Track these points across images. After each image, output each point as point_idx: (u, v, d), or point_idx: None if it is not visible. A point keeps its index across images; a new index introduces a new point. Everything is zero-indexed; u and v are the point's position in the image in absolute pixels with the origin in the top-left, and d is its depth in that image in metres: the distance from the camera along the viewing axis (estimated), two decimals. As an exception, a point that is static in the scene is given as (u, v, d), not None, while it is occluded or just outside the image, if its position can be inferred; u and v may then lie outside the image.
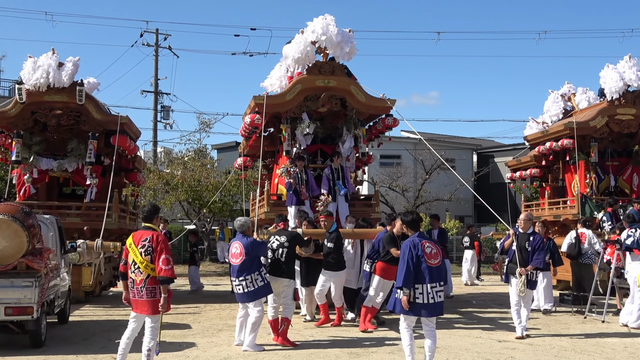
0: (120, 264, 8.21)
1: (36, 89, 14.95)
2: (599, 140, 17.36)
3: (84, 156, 15.49)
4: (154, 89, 36.86)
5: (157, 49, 37.10)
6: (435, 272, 7.70)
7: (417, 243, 7.78)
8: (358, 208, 14.45)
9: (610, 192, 17.53)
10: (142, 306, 7.77)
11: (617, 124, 17.16)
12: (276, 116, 14.56)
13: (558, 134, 17.73)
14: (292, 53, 14.09)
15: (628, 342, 10.29)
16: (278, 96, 14.19)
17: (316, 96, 14.12)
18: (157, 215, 8.20)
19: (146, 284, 7.70)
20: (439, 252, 7.89)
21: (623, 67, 17.14)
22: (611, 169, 17.89)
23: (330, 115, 14.73)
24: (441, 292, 7.76)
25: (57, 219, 11.82)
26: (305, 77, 14.10)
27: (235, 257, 9.54)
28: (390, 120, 14.95)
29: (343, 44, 14.17)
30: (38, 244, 9.61)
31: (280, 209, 13.64)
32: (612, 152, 17.96)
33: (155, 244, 7.70)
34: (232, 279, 9.90)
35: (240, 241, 9.55)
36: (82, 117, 15.45)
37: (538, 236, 10.86)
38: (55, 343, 9.86)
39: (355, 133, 14.43)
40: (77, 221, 15.04)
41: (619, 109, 17.08)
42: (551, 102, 19.91)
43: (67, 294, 11.96)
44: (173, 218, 34.24)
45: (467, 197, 36.35)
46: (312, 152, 15.03)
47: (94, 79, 17.64)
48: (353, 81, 14.26)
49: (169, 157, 34.43)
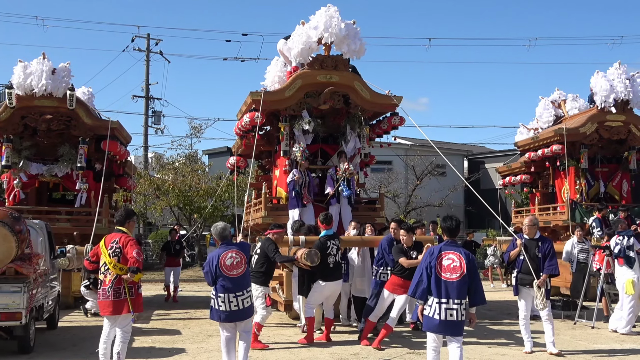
0: (84, 259, 8.52)
1: (28, 94, 14.89)
2: (588, 146, 17.41)
3: (74, 161, 15.41)
4: (145, 94, 36.79)
5: (148, 54, 37.06)
6: (450, 287, 7.12)
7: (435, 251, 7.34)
8: (362, 212, 13.75)
9: (600, 198, 17.57)
10: (107, 307, 7.95)
11: (606, 130, 17.20)
12: (274, 114, 13.79)
13: (548, 140, 17.78)
14: (295, 45, 13.29)
15: (617, 348, 10.32)
16: (277, 92, 13.41)
17: (317, 92, 13.33)
18: (130, 220, 8.38)
19: (113, 284, 7.91)
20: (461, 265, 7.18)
21: (612, 75, 17.22)
22: (601, 175, 17.92)
23: (331, 113, 13.93)
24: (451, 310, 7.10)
25: (46, 224, 11.75)
26: (306, 72, 13.31)
27: (235, 267, 7.96)
28: (397, 120, 14.22)
29: (350, 40, 13.27)
30: (27, 249, 9.54)
31: (280, 214, 13.10)
32: (602, 158, 18.00)
33: (123, 245, 7.96)
34: (228, 295, 7.87)
35: (237, 248, 8.14)
36: (72, 122, 15.35)
37: (548, 241, 10.11)
38: (44, 349, 9.80)
39: (359, 132, 13.65)
40: (66, 226, 15.02)
41: (608, 115, 17.14)
42: (542, 108, 19.98)
43: (57, 300, 11.90)
44: (164, 223, 34.14)
45: (458, 202, 36.43)
46: (312, 152, 14.09)
47: (88, 89, 17.70)
48: (357, 77, 13.47)
49: (160, 163, 34.43)
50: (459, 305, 7.10)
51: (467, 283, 7.17)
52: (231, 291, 7.84)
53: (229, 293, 7.84)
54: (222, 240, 8.13)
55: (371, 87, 13.53)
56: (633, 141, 17.46)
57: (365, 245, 11.69)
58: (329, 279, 10.42)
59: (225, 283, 7.87)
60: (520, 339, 10.08)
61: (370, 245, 11.64)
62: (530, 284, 9.69)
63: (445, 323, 7.10)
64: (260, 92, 13.06)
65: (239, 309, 7.87)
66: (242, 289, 7.93)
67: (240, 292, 7.89)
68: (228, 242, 8.12)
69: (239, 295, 7.88)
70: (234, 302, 7.84)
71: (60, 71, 15.11)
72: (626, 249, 11.70)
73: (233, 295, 7.84)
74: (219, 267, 7.91)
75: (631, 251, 11.65)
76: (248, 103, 13.58)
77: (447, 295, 7.10)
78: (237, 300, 7.85)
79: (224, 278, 7.90)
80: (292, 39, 13.40)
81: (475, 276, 7.29)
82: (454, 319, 7.10)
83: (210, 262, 8.00)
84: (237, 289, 7.88)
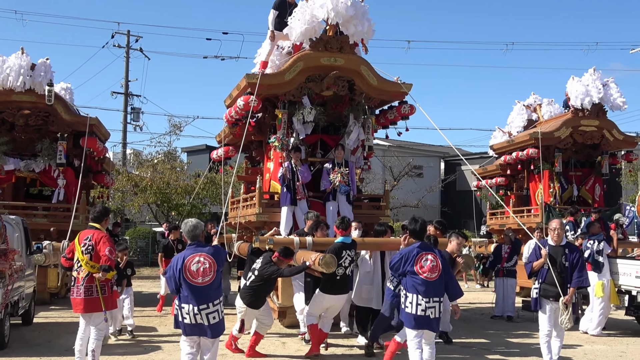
0: (61, 256, 8.41)
1: (6, 89, 14.74)
2: (563, 150, 17.59)
3: (53, 157, 15.30)
4: (125, 91, 36.53)
5: (128, 51, 36.81)
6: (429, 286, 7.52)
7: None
8: (365, 210, 12.51)
9: (573, 201, 17.75)
10: (79, 304, 7.85)
11: (580, 135, 17.42)
12: (268, 99, 12.24)
13: (523, 144, 17.93)
14: (298, 25, 11.66)
15: (588, 349, 10.46)
16: (275, 75, 11.77)
17: (320, 77, 11.80)
18: (106, 218, 8.29)
19: (85, 282, 7.79)
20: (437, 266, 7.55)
21: (587, 80, 17.43)
22: (574, 179, 18.11)
23: (333, 100, 12.32)
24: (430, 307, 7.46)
25: (23, 219, 11.63)
26: (309, 54, 11.73)
27: (203, 274, 6.65)
28: (407, 108, 12.57)
29: (357, 20, 11.67)
30: (3, 244, 9.45)
31: (275, 210, 11.82)
32: (576, 162, 18.18)
33: (95, 243, 7.82)
34: (194, 306, 6.62)
35: (206, 252, 6.78)
36: (50, 118, 15.25)
37: (576, 249, 8.81)
38: (19, 345, 9.69)
39: (363, 122, 12.27)
40: (43, 222, 14.89)
41: (582, 120, 17.34)
42: (516, 113, 20.20)
43: (32, 296, 11.75)
44: (142, 220, 33.91)
45: (434, 203, 36.60)
46: (311, 143, 12.58)
47: (67, 85, 17.50)
48: (364, 60, 11.98)
49: (139, 159, 34.17)
50: (438, 302, 7.50)
51: (444, 281, 7.58)
52: (195, 303, 6.57)
53: (191, 305, 6.58)
54: (192, 240, 6.88)
55: (379, 73, 12.12)
56: (606, 146, 17.73)
57: (382, 249, 10.11)
58: (330, 292, 9.07)
59: (188, 292, 6.59)
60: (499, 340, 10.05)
61: (386, 249, 10.09)
62: (555, 296, 8.36)
63: (424, 319, 7.43)
64: (257, 74, 11.64)
65: (205, 324, 6.65)
66: (207, 301, 6.62)
67: (204, 305, 6.60)
68: (199, 243, 6.85)
69: (202, 309, 6.60)
70: (200, 316, 6.60)
71: (39, 66, 15.01)
72: (595, 254, 11.90)
73: (197, 309, 6.59)
74: (183, 272, 6.65)
75: (600, 256, 11.86)
76: (242, 87, 12.18)
77: (427, 294, 7.45)
78: (202, 315, 6.60)
79: (187, 286, 6.61)
80: (294, 17, 11.82)
81: (450, 273, 7.73)
82: (435, 316, 7.48)
83: (175, 266, 6.73)
84: (200, 301, 6.58)
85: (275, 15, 12.35)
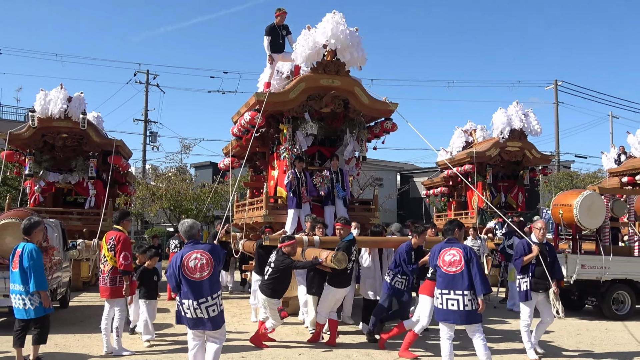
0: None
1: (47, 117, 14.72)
2: (492, 166, 17.74)
3: (86, 171, 15.33)
4: (144, 118, 36.20)
5: (147, 86, 36.51)
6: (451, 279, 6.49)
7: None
8: (357, 212, 11.93)
9: (501, 206, 17.91)
10: (104, 292, 7.77)
11: (506, 153, 17.61)
12: (273, 115, 11.61)
13: (462, 161, 18.07)
14: (302, 50, 10.98)
15: (515, 323, 10.47)
16: (281, 94, 11.13)
17: (319, 96, 11.29)
18: (124, 220, 8.05)
19: (110, 274, 7.71)
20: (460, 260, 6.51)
21: (512, 111, 17.66)
22: (502, 188, 18.25)
23: (330, 116, 11.88)
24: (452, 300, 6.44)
25: (60, 222, 11.48)
26: (310, 76, 11.19)
27: (200, 269, 5.83)
28: (389, 124, 12.07)
29: (353, 48, 11.07)
30: (44, 243, 9.30)
31: (280, 212, 11.13)
32: (503, 175, 18.34)
33: (117, 243, 7.71)
34: (193, 301, 5.78)
35: (203, 248, 5.93)
36: (84, 140, 15.25)
37: (551, 245, 8.20)
38: (57, 323, 9.53)
39: (358, 135, 11.72)
40: (77, 224, 14.80)
41: (508, 142, 17.54)
42: (456, 137, 20.36)
43: (68, 284, 11.65)
44: (158, 222, 33.61)
45: (392, 208, 36.66)
46: (311, 153, 12.06)
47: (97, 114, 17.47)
48: (357, 82, 11.41)
49: (155, 173, 33.89)
50: (461, 295, 6.41)
51: (468, 275, 6.45)
52: (193, 298, 5.75)
53: (191, 300, 5.76)
54: (189, 239, 6.05)
55: (369, 94, 11.61)
56: (527, 162, 17.96)
57: (379, 246, 9.57)
58: (342, 285, 8.27)
59: (187, 288, 5.79)
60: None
61: (384, 247, 9.60)
62: (544, 289, 7.77)
63: (444, 312, 6.48)
64: (264, 92, 11.00)
65: (205, 317, 5.79)
66: (205, 295, 5.78)
67: (203, 299, 5.76)
68: (195, 241, 6.01)
69: (201, 302, 5.76)
70: (199, 310, 5.77)
71: (75, 99, 15.03)
72: (506, 248, 12.44)
73: (196, 303, 5.75)
74: (182, 269, 5.84)
75: (510, 249, 12.17)
76: (250, 104, 11.55)
77: (447, 287, 6.50)
78: (202, 309, 5.77)
79: (186, 282, 5.81)
80: (298, 44, 11.07)
81: (477, 268, 6.47)
82: (455, 309, 6.42)
83: (174, 264, 5.91)
84: (199, 295, 5.76)
85: (269, 40, 11.61)
